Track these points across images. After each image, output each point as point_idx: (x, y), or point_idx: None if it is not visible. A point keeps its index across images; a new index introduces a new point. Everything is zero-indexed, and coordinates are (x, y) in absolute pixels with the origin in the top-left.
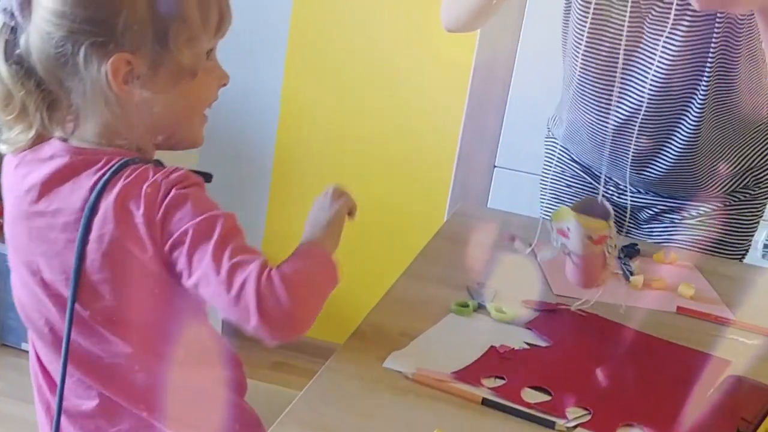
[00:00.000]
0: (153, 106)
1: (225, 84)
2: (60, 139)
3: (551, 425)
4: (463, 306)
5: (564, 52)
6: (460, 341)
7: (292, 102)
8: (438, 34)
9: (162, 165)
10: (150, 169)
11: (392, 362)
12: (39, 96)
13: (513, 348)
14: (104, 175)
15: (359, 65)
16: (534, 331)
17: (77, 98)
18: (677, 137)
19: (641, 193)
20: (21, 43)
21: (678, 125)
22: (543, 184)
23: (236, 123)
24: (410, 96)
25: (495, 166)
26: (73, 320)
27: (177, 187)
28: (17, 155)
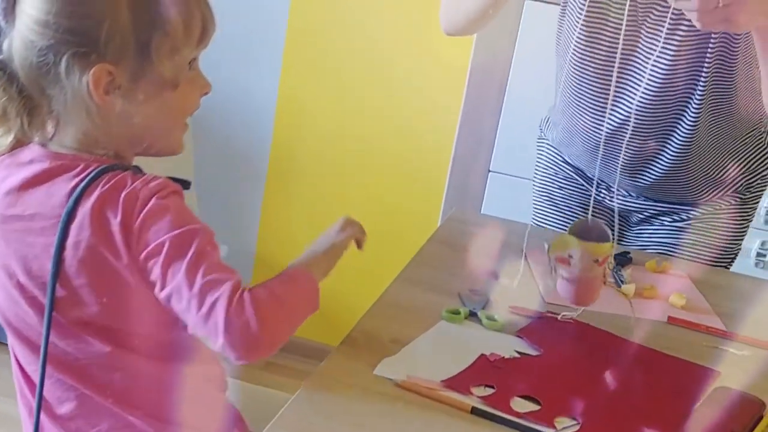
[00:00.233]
0: (133, 117)
1: (207, 93)
2: (39, 144)
3: None
4: (455, 313)
5: (558, 55)
6: (451, 349)
7: (289, 102)
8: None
9: (141, 172)
10: (128, 177)
11: (383, 369)
12: (20, 102)
13: (503, 356)
14: (82, 182)
15: (356, 66)
16: (524, 340)
17: (58, 105)
18: (672, 143)
19: (632, 197)
20: (4, 49)
21: (673, 131)
22: (535, 186)
23: (232, 123)
24: (407, 97)
25: (490, 171)
26: (51, 323)
27: (157, 197)
28: None
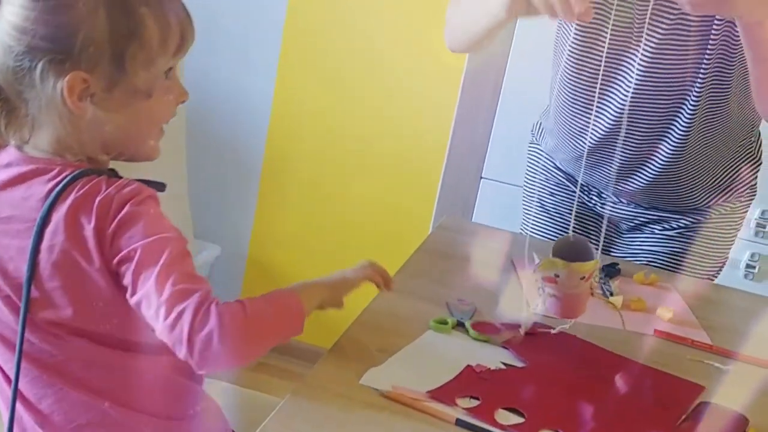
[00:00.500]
0: (105, 125)
1: (184, 101)
2: (15, 147)
3: None
4: (442, 323)
5: (553, 60)
6: (438, 359)
7: (284, 103)
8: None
9: (116, 175)
10: (103, 182)
11: (369, 379)
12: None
13: (489, 368)
14: (57, 186)
15: (351, 68)
16: (511, 351)
17: (34, 109)
18: (664, 148)
19: (623, 204)
20: None
21: (665, 136)
22: (526, 192)
23: (227, 123)
24: (402, 99)
25: (482, 177)
26: (26, 324)
27: (131, 203)
28: None
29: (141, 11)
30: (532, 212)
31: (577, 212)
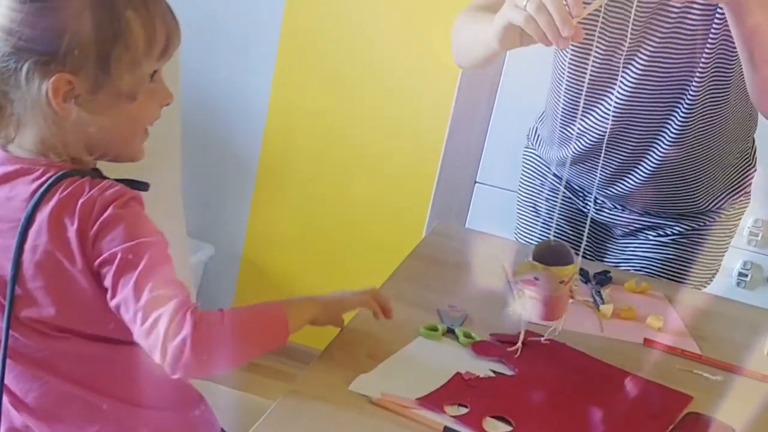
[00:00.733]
0: (89, 126)
1: (168, 104)
2: (0, 147)
3: None
4: (433, 330)
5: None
6: (427, 366)
7: (280, 103)
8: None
9: (101, 176)
10: (86, 184)
11: (358, 386)
12: None
13: (478, 375)
14: (41, 187)
15: (348, 70)
16: (500, 359)
17: (19, 109)
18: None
19: (618, 209)
20: None
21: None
22: (520, 197)
23: (223, 122)
24: (399, 100)
25: (476, 182)
26: (11, 321)
27: (114, 206)
28: None
29: (127, 15)
30: (526, 218)
31: (572, 218)
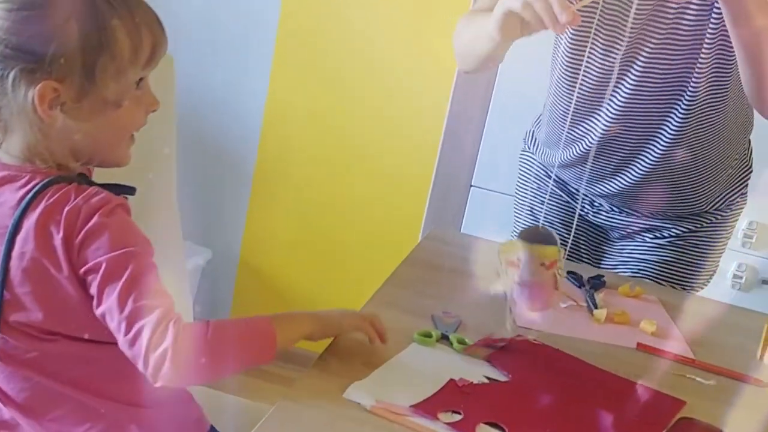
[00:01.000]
0: (74, 133)
1: (154, 110)
2: None
3: None
4: (427, 336)
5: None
6: (421, 372)
7: (276, 106)
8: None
9: (88, 181)
10: (72, 191)
11: (352, 393)
12: None
13: (472, 382)
14: (28, 194)
15: (345, 72)
16: (494, 365)
17: (6, 115)
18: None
19: (615, 212)
20: None
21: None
22: (517, 201)
23: (219, 125)
24: (395, 105)
25: (471, 186)
26: (0, 326)
27: (99, 214)
28: None
29: (113, 23)
30: (524, 221)
31: (570, 221)
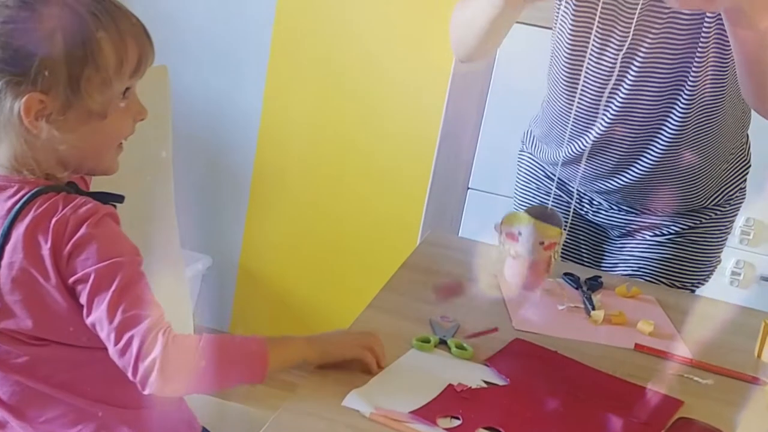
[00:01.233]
0: (60, 144)
1: (142, 119)
2: None
3: None
4: (425, 341)
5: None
6: (420, 378)
7: (273, 112)
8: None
9: (77, 190)
10: (60, 201)
11: (351, 401)
12: None
13: (470, 387)
14: (17, 204)
15: (340, 78)
16: (492, 369)
17: None
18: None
19: (614, 210)
20: None
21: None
22: (516, 201)
23: (216, 132)
24: (392, 108)
25: (469, 188)
26: None
27: (87, 224)
28: None
29: (98, 36)
30: None
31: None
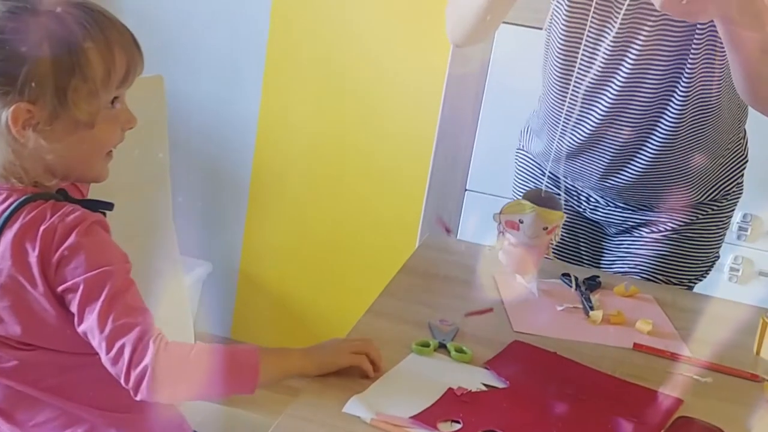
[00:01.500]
0: (47, 153)
1: (131, 127)
2: None
3: None
4: (424, 345)
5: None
6: (420, 383)
7: (270, 117)
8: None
9: (66, 197)
10: (48, 209)
11: (352, 407)
12: None
13: (470, 390)
14: (5, 211)
15: (337, 82)
16: (492, 372)
17: None
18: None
19: (612, 207)
20: None
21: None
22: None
23: (213, 137)
24: (389, 112)
25: (466, 190)
26: None
27: (75, 232)
28: None
29: (85, 46)
30: None
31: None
